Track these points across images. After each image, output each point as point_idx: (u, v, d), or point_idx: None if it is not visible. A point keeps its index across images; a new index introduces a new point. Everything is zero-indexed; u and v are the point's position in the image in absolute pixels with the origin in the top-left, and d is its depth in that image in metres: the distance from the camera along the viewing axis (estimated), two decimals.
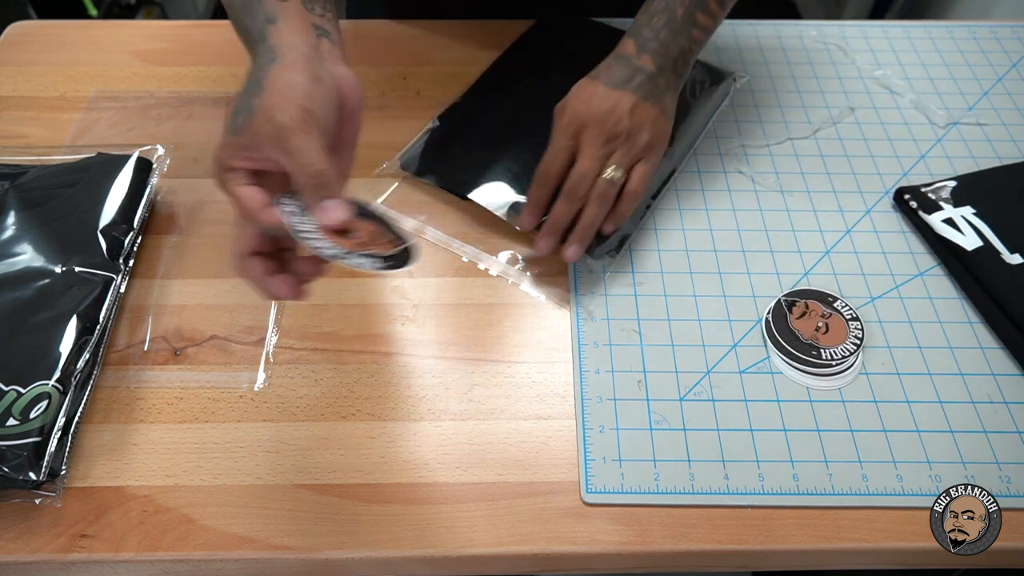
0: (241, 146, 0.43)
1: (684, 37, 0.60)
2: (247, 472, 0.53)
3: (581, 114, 0.58)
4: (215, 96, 0.77)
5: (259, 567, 0.51)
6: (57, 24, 0.85)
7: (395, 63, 0.81)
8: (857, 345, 0.58)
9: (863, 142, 0.74)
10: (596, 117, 0.58)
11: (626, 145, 0.58)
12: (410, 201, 0.68)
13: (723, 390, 0.57)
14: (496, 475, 0.53)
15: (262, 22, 0.47)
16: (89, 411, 0.55)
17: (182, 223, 0.67)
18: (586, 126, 0.58)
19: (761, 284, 0.63)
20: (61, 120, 0.74)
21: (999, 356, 0.59)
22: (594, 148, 0.58)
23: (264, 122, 0.42)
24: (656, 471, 0.53)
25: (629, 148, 0.58)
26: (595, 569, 0.53)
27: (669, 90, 0.61)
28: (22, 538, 0.50)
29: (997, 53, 0.83)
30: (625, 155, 0.58)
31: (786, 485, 0.52)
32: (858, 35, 0.85)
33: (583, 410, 0.56)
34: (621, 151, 0.58)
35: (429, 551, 0.50)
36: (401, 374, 0.58)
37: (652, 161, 0.60)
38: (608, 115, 0.57)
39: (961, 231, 0.63)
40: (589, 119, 0.58)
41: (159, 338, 0.59)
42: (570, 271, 0.64)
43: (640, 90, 0.59)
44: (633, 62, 0.59)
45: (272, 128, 0.42)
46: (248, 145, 0.43)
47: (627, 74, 0.59)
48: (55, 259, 0.59)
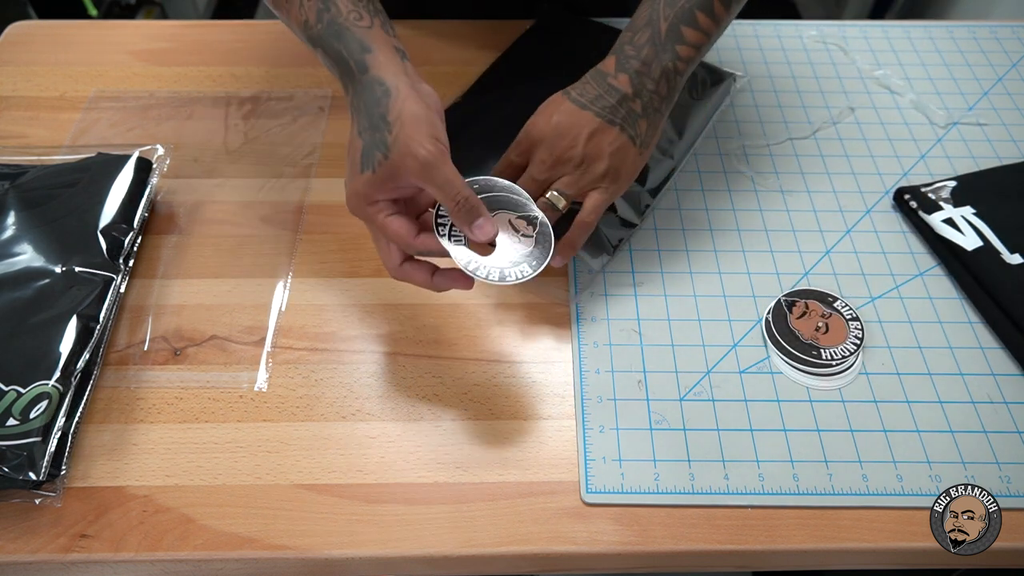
0: (382, 180, 0.47)
1: (668, 55, 0.53)
2: (247, 472, 0.53)
3: (538, 129, 0.54)
4: (215, 96, 0.77)
5: (259, 567, 0.51)
6: (57, 24, 0.85)
7: None
8: (857, 345, 0.58)
9: (863, 142, 0.74)
10: (549, 137, 0.53)
11: (577, 172, 0.53)
12: None
13: (723, 390, 0.57)
14: (496, 475, 0.53)
15: (359, 51, 0.49)
16: (89, 411, 0.55)
17: (182, 223, 0.67)
18: (538, 145, 0.54)
19: (761, 284, 0.63)
20: (61, 120, 0.75)
21: (999, 356, 0.59)
22: (537, 168, 0.54)
23: (405, 157, 0.46)
24: (656, 471, 0.53)
25: (580, 176, 0.54)
26: (595, 569, 0.53)
27: (647, 115, 0.54)
28: (22, 538, 0.50)
29: (997, 53, 0.83)
30: (574, 183, 0.54)
31: (786, 485, 0.52)
32: (858, 35, 0.85)
33: (583, 410, 0.56)
34: (570, 177, 0.53)
35: (429, 551, 0.50)
36: (401, 374, 0.58)
37: (610, 191, 0.55)
38: (561, 137, 0.53)
39: (961, 231, 0.63)
40: (543, 137, 0.54)
41: (159, 338, 0.59)
42: (570, 271, 0.64)
43: (606, 113, 0.53)
44: (608, 80, 0.54)
45: (416, 163, 0.46)
46: (389, 179, 0.47)
47: (597, 93, 0.54)
48: (55, 259, 0.59)
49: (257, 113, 0.76)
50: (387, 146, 0.46)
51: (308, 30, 0.51)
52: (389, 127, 0.47)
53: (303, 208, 0.68)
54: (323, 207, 0.68)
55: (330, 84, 0.78)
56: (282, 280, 0.63)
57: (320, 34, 0.50)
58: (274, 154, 0.72)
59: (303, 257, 0.65)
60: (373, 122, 0.47)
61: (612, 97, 0.54)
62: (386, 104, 0.47)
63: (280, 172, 0.71)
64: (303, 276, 0.63)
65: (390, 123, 0.47)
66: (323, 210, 0.68)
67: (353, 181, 0.49)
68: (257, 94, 0.77)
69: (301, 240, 0.66)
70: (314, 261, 0.64)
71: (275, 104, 0.76)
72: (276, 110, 0.76)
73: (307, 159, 0.72)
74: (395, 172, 0.47)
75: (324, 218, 0.67)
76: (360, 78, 0.48)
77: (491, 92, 0.75)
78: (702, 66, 0.75)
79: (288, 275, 0.63)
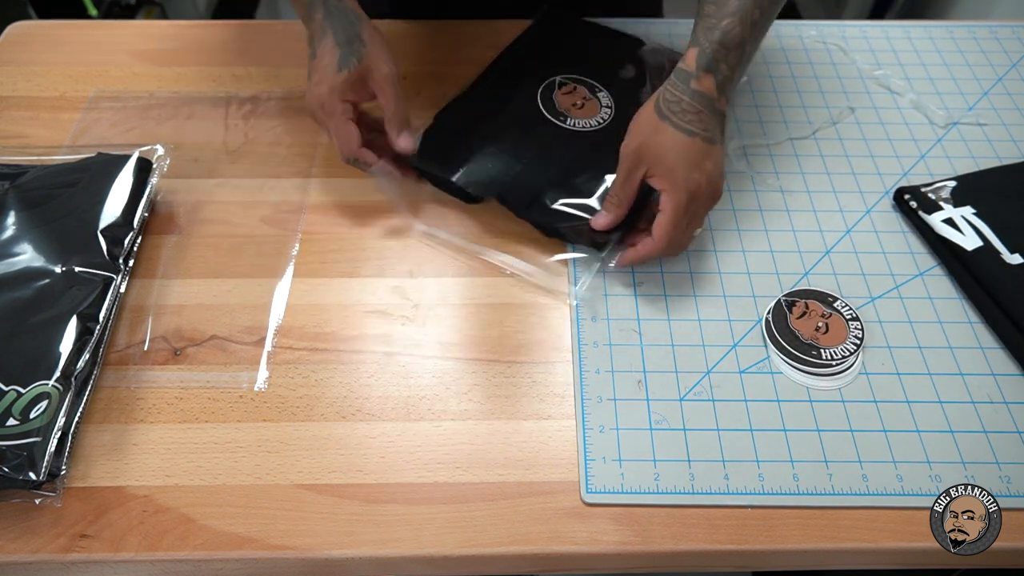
0: (354, 80, 0.61)
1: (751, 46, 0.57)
2: (247, 472, 0.53)
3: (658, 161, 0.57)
4: (215, 96, 0.77)
5: (259, 567, 0.51)
6: (57, 24, 0.85)
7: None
8: (857, 345, 0.58)
9: (863, 142, 0.74)
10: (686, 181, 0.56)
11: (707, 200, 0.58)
12: (413, 202, 0.68)
13: (723, 390, 0.57)
14: (496, 475, 0.53)
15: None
16: (89, 411, 0.55)
17: (182, 223, 0.67)
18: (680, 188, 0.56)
19: (761, 284, 0.63)
20: (61, 120, 0.74)
21: (999, 356, 0.59)
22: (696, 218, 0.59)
23: (372, 67, 0.61)
24: (656, 471, 0.53)
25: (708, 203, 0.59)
26: (595, 569, 0.53)
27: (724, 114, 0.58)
28: (22, 538, 0.50)
29: (997, 53, 0.83)
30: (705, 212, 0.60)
31: (786, 485, 0.52)
32: (858, 35, 0.85)
33: (583, 410, 0.56)
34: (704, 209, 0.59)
35: (429, 551, 0.50)
36: (401, 374, 0.58)
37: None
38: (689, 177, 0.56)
39: (961, 231, 0.63)
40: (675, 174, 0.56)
41: (159, 338, 0.59)
42: (570, 271, 0.64)
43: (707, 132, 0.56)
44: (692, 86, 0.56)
45: (380, 74, 0.61)
46: (358, 80, 0.61)
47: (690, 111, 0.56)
48: (55, 259, 0.59)
49: (257, 113, 0.76)
50: (360, 56, 0.60)
51: None
52: (364, 43, 0.61)
53: (303, 208, 0.68)
54: (323, 207, 0.68)
55: None
56: (282, 280, 0.63)
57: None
58: (274, 154, 0.72)
59: (303, 257, 0.65)
60: (349, 38, 0.60)
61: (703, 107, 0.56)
62: (359, 27, 0.61)
63: (280, 172, 0.71)
64: (303, 276, 0.63)
65: (364, 41, 0.61)
66: (323, 210, 0.68)
67: (328, 80, 0.60)
68: (257, 94, 0.77)
69: (301, 240, 0.66)
70: (314, 261, 0.64)
71: (275, 104, 0.76)
72: (276, 110, 0.76)
73: (307, 159, 0.72)
74: (364, 76, 0.61)
75: (324, 218, 0.67)
76: (335, 3, 0.61)
77: (488, 92, 0.75)
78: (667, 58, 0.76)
79: (288, 275, 0.63)
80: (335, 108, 0.61)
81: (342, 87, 0.60)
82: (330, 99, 0.61)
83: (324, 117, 0.62)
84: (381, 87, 0.62)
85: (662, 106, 0.57)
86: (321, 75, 0.61)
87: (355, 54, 0.60)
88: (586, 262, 0.64)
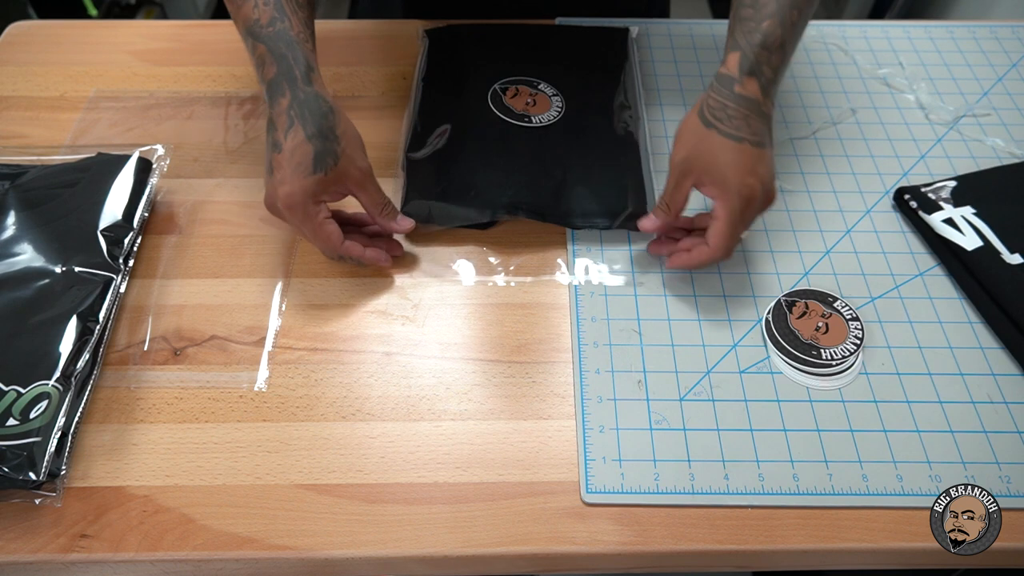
0: (331, 182, 0.56)
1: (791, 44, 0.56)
2: (247, 472, 0.53)
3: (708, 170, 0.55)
4: (215, 96, 0.77)
5: (259, 567, 0.51)
6: (57, 24, 0.85)
7: (395, 63, 0.81)
8: (857, 345, 0.58)
9: (863, 142, 0.74)
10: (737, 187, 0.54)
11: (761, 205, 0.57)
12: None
13: (723, 390, 0.57)
14: (496, 475, 0.53)
15: (305, 67, 0.56)
16: (89, 411, 0.55)
17: (182, 223, 0.67)
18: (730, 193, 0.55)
19: (761, 284, 0.63)
20: (61, 120, 0.75)
21: (999, 356, 0.59)
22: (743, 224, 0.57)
23: (349, 167, 0.57)
24: (656, 471, 0.53)
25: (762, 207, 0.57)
26: (595, 569, 0.53)
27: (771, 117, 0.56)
28: (22, 538, 0.50)
29: (997, 53, 0.83)
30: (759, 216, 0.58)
31: (786, 485, 0.52)
32: (858, 35, 0.85)
33: (583, 410, 0.56)
34: (758, 213, 0.58)
35: (429, 551, 0.50)
36: (401, 374, 0.58)
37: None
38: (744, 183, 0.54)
39: (961, 231, 0.63)
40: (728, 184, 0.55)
41: (159, 338, 0.59)
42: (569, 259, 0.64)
43: (755, 136, 0.54)
44: (736, 91, 0.55)
45: (358, 173, 0.58)
46: (335, 182, 0.56)
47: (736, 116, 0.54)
48: (55, 259, 0.59)
49: (257, 113, 0.76)
50: (337, 156, 0.56)
51: (258, 28, 0.56)
52: (338, 140, 0.56)
53: None
54: None
55: (330, 85, 0.78)
56: (282, 280, 0.63)
57: (271, 36, 0.56)
58: None
59: (303, 257, 0.65)
60: (321, 131, 0.55)
61: (750, 111, 0.54)
62: (333, 120, 0.56)
63: None
64: (303, 276, 0.63)
65: (339, 137, 0.56)
66: None
67: (299, 181, 0.55)
68: (257, 94, 0.77)
69: (301, 240, 0.66)
70: (314, 261, 0.64)
71: None
72: None
73: None
74: (341, 177, 0.56)
75: None
76: (304, 88, 0.55)
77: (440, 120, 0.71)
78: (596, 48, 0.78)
79: (288, 275, 0.63)
80: (310, 211, 0.56)
81: (315, 189, 0.55)
82: (303, 202, 0.55)
83: (297, 221, 0.56)
84: (362, 186, 0.58)
85: (707, 113, 0.55)
86: (290, 173, 0.54)
87: (330, 154, 0.55)
88: (587, 266, 0.63)
